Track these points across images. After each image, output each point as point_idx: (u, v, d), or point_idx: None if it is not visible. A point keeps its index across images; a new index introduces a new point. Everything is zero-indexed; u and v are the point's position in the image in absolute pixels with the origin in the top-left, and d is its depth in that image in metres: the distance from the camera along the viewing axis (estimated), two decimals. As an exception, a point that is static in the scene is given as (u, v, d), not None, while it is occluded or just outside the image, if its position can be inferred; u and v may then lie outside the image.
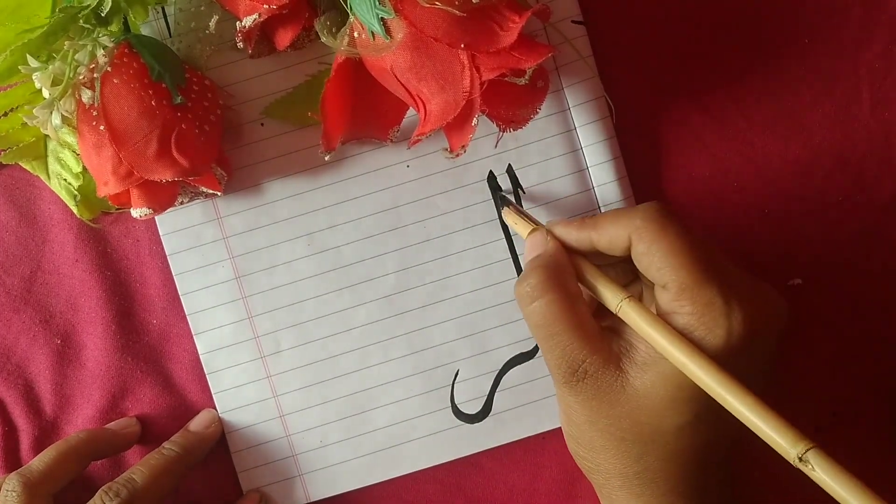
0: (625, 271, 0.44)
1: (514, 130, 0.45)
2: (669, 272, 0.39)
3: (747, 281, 0.41)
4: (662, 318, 0.39)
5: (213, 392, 0.50)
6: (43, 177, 0.50)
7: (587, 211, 0.50)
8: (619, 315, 0.40)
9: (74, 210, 0.50)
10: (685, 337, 0.38)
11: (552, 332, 0.41)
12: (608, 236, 0.41)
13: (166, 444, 0.49)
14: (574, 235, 0.43)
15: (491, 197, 0.50)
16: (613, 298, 0.40)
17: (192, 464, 0.49)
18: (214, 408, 0.51)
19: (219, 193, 0.48)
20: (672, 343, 0.38)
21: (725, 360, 0.38)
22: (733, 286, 0.39)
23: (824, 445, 0.37)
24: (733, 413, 0.37)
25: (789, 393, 0.51)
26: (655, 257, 0.39)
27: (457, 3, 0.40)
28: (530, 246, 0.44)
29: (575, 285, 0.42)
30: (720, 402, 0.37)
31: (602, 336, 0.41)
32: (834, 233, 0.51)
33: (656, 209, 0.40)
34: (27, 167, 0.50)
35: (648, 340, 0.39)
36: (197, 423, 0.50)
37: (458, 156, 0.44)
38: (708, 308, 0.38)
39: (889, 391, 0.51)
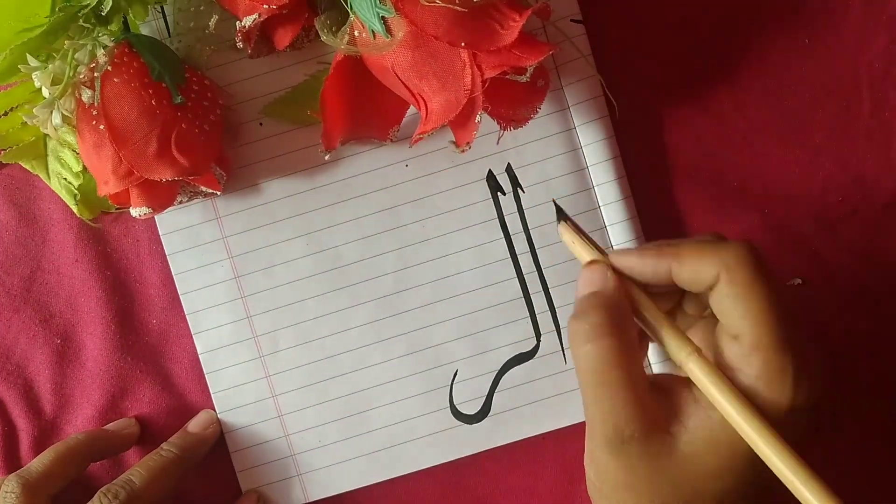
0: (665, 297, 0.41)
1: (514, 129, 0.45)
2: (751, 324, 0.36)
3: (811, 350, 0.38)
4: (725, 374, 0.36)
5: (211, 391, 0.50)
6: (43, 176, 0.50)
7: (587, 210, 0.50)
8: (684, 369, 0.37)
9: (74, 209, 0.50)
10: (751, 403, 0.35)
11: (603, 383, 0.37)
12: (692, 270, 0.37)
13: (165, 446, 0.49)
14: (651, 263, 0.38)
15: (490, 196, 0.50)
16: (679, 351, 0.37)
17: (192, 465, 0.49)
18: (213, 407, 0.51)
19: (218, 193, 0.48)
20: (741, 412, 0.35)
21: (782, 430, 0.35)
22: (807, 360, 0.36)
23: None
24: (792, 489, 0.35)
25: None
26: (741, 303, 0.36)
27: (457, 0, 0.40)
28: (587, 280, 0.40)
29: (635, 334, 0.38)
30: (780, 478, 0.35)
31: (652, 394, 0.37)
32: (834, 233, 0.51)
33: (751, 250, 0.36)
34: (27, 166, 0.50)
35: (714, 403, 0.36)
36: (196, 424, 0.50)
37: (463, 151, 0.44)
38: (779, 374, 0.35)
39: (889, 392, 0.51)
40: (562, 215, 0.43)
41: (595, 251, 0.40)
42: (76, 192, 0.49)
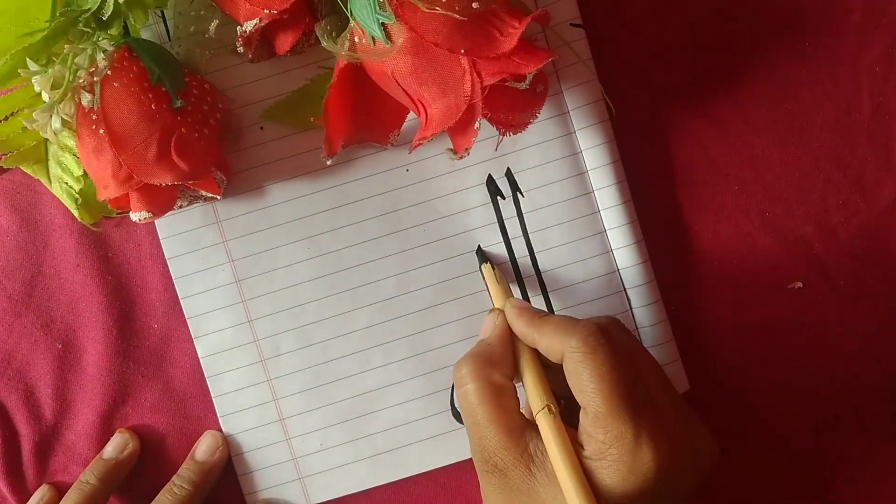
0: None
1: (513, 134, 0.45)
2: (589, 396, 0.39)
3: (675, 417, 0.41)
4: (580, 440, 0.40)
5: (213, 396, 0.50)
6: (44, 180, 0.50)
7: (587, 214, 0.50)
8: (536, 420, 0.42)
9: (75, 214, 0.50)
10: (583, 466, 0.39)
11: (473, 420, 0.42)
12: (546, 343, 0.42)
13: (177, 481, 0.49)
14: (519, 329, 0.44)
15: (490, 201, 0.50)
16: (537, 403, 0.42)
17: (205, 496, 0.50)
18: (214, 411, 0.51)
19: (218, 197, 0.48)
20: (566, 468, 0.39)
21: (622, 495, 0.39)
22: (652, 423, 0.39)
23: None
24: None
25: (791, 397, 0.51)
26: (580, 378, 0.40)
27: (457, 7, 0.40)
28: (483, 326, 0.46)
29: (504, 378, 0.43)
30: None
31: (522, 434, 0.41)
32: (834, 236, 0.51)
33: (591, 331, 0.41)
34: (28, 171, 0.50)
35: (549, 454, 0.40)
36: (203, 451, 0.50)
37: (462, 157, 0.44)
38: (617, 441, 0.39)
39: (890, 394, 0.51)
40: (483, 258, 0.50)
41: (502, 298, 0.47)
42: (77, 196, 0.49)
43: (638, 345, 0.43)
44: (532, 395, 0.42)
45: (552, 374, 0.44)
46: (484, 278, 0.50)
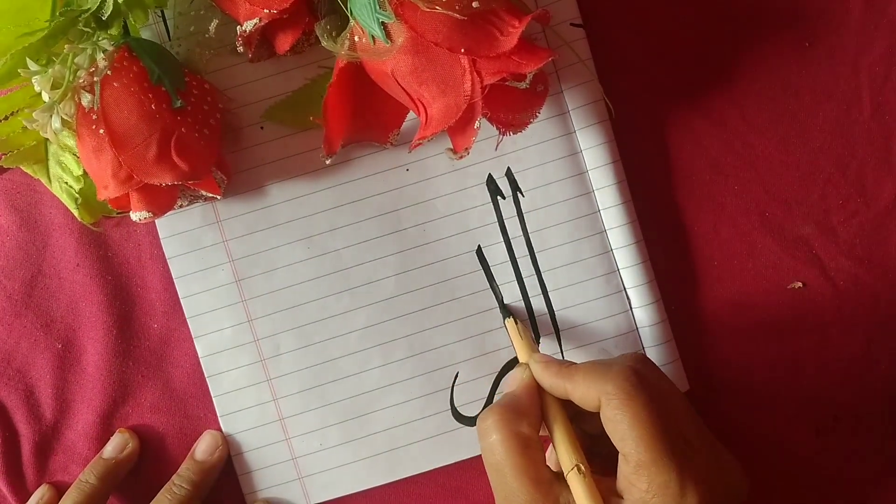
0: None
1: (513, 134, 0.45)
2: (631, 445, 0.39)
3: (712, 458, 0.41)
4: (620, 488, 0.40)
5: (213, 395, 0.50)
6: (44, 180, 0.50)
7: (587, 214, 0.50)
8: (567, 480, 0.41)
9: (76, 213, 0.50)
10: None
11: (499, 472, 0.41)
12: (580, 392, 0.42)
13: (176, 481, 0.49)
14: (548, 382, 0.44)
15: (490, 200, 0.50)
16: (567, 462, 0.41)
17: (204, 495, 0.50)
18: (214, 410, 0.51)
19: (218, 197, 0.48)
20: None
21: None
22: (694, 468, 0.39)
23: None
24: None
25: (791, 397, 0.51)
26: (620, 426, 0.39)
27: (457, 7, 0.40)
28: (510, 380, 0.46)
29: (532, 430, 0.42)
30: None
31: (551, 487, 0.41)
32: (834, 236, 0.51)
33: (627, 377, 0.40)
34: (28, 171, 0.50)
35: None
36: (203, 451, 0.50)
37: (461, 157, 0.44)
38: (662, 489, 0.39)
39: (890, 395, 0.51)
40: (507, 313, 0.50)
41: (527, 352, 0.46)
42: (77, 196, 0.49)
43: (667, 382, 0.43)
44: (562, 452, 0.42)
45: (581, 416, 0.44)
46: (508, 333, 0.50)
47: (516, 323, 0.49)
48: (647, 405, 0.39)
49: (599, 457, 0.43)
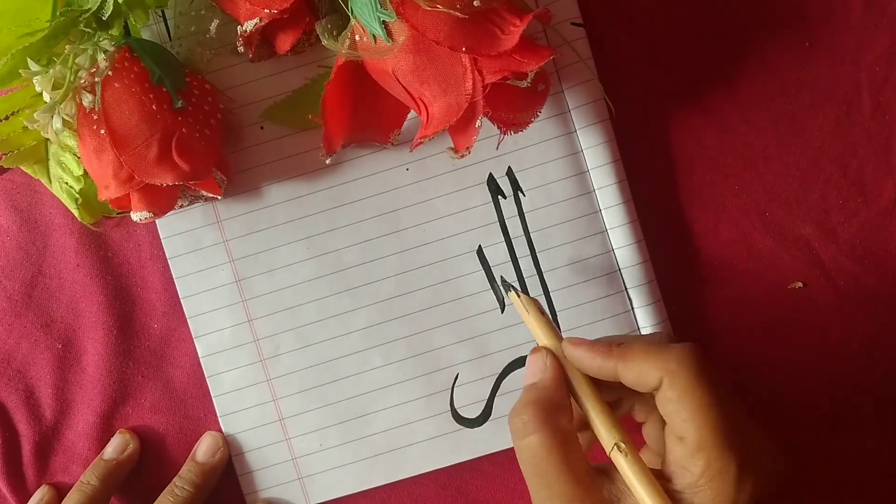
0: (618, 387, 0.42)
1: (514, 133, 0.45)
2: (693, 427, 0.38)
3: (761, 442, 0.40)
4: (668, 471, 0.39)
5: (213, 395, 0.50)
6: (44, 180, 0.50)
7: (587, 214, 0.50)
8: (610, 458, 0.40)
9: (76, 213, 0.50)
10: (677, 499, 0.38)
11: (538, 473, 0.40)
12: (637, 372, 0.39)
13: (178, 482, 0.49)
14: (598, 363, 0.41)
15: (491, 200, 0.50)
16: (609, 439, 0.40)
17: (206, 497, 0.49)
18: (213, 408, 0.51)
19: (219, 197, 0.48)
20: (655, 501, 0.38)
21: None
22: (751, 455, 0.38)
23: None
24: None
25: (791, 397, 0.51)
26: (683, 407, 0.38)
27: (458, 5, 0.40)
28: (530, 369, 0.43)
29: (569, 423, 0.41)
30: None
31: (594, 481, 0.39)
32: (834, 236, 0.51)
33: (693, 356, 0.39)
34: (28, 171, 0.50)
35: (633, 491, 0.39)
36: (203, 452, 0.50)
37: (462, 156, 0.44)
38: (720, 474, 0.37)
39: (890, 395, 0.51)
40: (508, 287, 0.46)
41: (550, 333, 0.43)
42: (77, 196, 0.49)
43: (718, 370, 0.42)
44: (602, 432, 0.40)
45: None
46: (520, 312, 0.45)
47: (520, 297, 0.45)
48: (714, 387, 0.38)
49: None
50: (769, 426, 0.51)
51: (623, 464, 0.39)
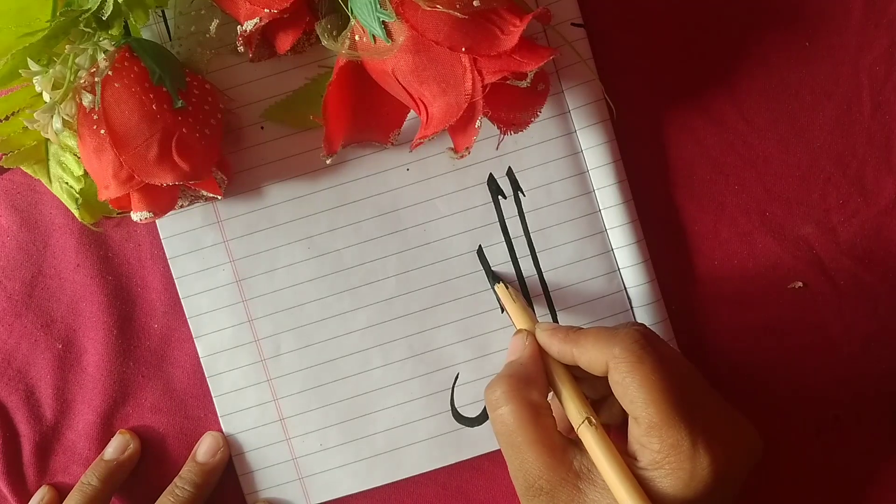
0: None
1: (514, 133, 0.45)
2: (641, 407, 0.39)
3: (722, 417, 0.41)
4: (631, 450, 0.40)
5: (213, 395, 0.50)
6: (44, 180, 0.50)
7: (587, 214, 0.50)
8: (578, 434, 0.41)
9: (76, 214, 0.50)
10: (637, 477, 0.39)
11: (511, 444, 0.41)
12: (587, 357, 0.42)
13: (178, 483, 0.49)
14: (556, 348, 0.43)
15: (491, 200, 0.50)
16: (577, 416, 0.41)
17: (206, 497, 0.49)
18: (213, 408, 0.51)
19: (219, 197, 0.48)
20: (621, 477, 0.39)
21: (683, 500, 0.38)
22: (705, 427, 0.39)
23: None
24: None
25: (791, 397, 0.51)
26: (629, 389, 0.39)
27: (458, 6, 0.40)
28: (511, 348, 0.45)
29: (541, 397, 0.42)
30: None
31: (565, 452, 0.41)
32: (834, 236, 0.51)
33: (635, 339, 0.40)
34: (28, 171, 0.50)
35: (598, 467, 0.40)
36: (204, 453, 0.50)
37: (462, 157, 0.44)
38: (674, 449, 0.39)
39: (890, 394, 0.51)
40: (496, 279, 0.50)
41: (527, 317, 0.46)
42: (77, 196, 0.49)
43: (673, 350, 0.43)
44: (570, 409, 0.42)
45: (582, 382, 0.44)
46: (499, 299, 0.50)
47: (507, 289, 0.49)
48: (655, 367, 0.39)
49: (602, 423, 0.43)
50: (769, 426, 0.51)
51: (589, 439, 0.40)
